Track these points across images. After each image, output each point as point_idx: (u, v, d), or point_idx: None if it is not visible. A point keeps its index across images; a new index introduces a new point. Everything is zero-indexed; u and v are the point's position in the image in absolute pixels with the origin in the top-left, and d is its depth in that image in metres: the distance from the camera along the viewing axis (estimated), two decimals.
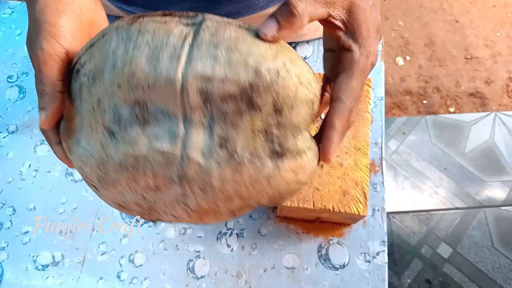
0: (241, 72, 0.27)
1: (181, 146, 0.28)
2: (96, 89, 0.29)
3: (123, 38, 0.29)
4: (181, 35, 0.28)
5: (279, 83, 0.27)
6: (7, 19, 0.74)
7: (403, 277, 1.28)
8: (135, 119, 0.29)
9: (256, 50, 0.27)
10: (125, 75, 0.28)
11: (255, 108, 0.28)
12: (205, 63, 0.27)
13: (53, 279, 0.56)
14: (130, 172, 0.30)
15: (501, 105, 1.57)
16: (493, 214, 1.36)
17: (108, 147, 0.29)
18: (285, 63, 0.28)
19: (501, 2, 1.77)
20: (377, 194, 0.59)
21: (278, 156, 0.29)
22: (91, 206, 0.60)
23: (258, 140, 0.28)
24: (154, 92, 0.28)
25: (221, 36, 0.28)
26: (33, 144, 0.64)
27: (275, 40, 0.29)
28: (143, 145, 0.29)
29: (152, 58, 0.27)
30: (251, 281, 0.55)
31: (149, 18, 0.29)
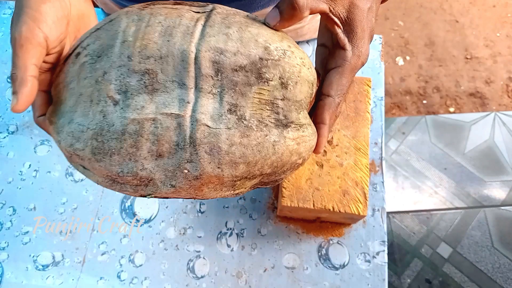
0: (252, 47, 0.29)
1: (191, 110, 0.29)
2: (102, 63, 0.30)
3: (134, 20, 0.30)
4: (193, 19, 0.30)
5: (285, 60, 0.30)
6: (7, 19, 0.73)
7: (403, 277, 1.28)
8: (143, 88, 0.29)
9: (264, 32, 0.30)
10: (136, 47, 0.29)
11: (263, 80, 0.30)
12: (218, 38, 0.29)
13: (53, 279, 0.56)
14: (133, 138, 0.29)
15: (501, 105, 1.57)
16: (493, 214, 1.36)
17: (111, 115, 0.29)
18: (290, 46, 0.31)
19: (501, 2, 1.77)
20: (377, 194, 0.60)
21: (283, 126, 0.30)
22: (91, 206, 0.60)
23: (265, 110, 0.30)
24: (166, 62, 0.29)
25: (231, 19, 0.30)
26: (33, 144, 0.64)
27: (277, 29, 0.31)
28: (150, 110, 0.29)
29: (165, 33, 0.29)
30: (251, 281, 0.55)
31: (160, 5, 0.31)
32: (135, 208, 0.60)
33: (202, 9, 0.31)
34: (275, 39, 0.30)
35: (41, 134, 0.64)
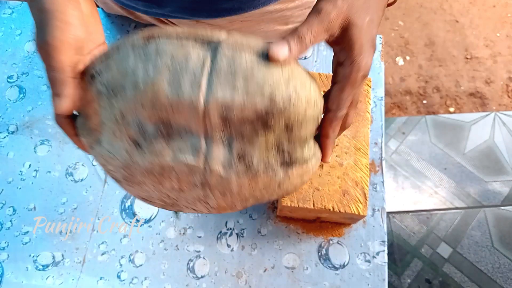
0: (258, 100, 0.30)
1: (204, 159, 0.32)
2: (118, 103, 0.32)
3: (141, 57, 0.31)
4: (199, 60, 0.30)
5: (290, 108, 0.31)
6: (7, 19, 0.74)
7: (403, 277, 1.28)
8: (159, 134, 0.32)
9: (270, 78, 0.30)
10: (148, 97, 0.31)
11: (269, 128, 0.31)
12: (225, 91, 0.30)
13: (53, 279, 0.56)
14: (156, 177, 0.34)
15: (501, 105, 1.57)
16: (493, 214, 1.36)
17: (134, 155, 0.33)
18: (296, 89, 0.31)
19: (501, 2, 1.77)
20: (377, 194, 0.60)
21: (288, 166, 0.33)
22: (91, 206, 0.60)
23: (271, 153, 0.33)
24: (177, 114, 0.31)
25: (237, 64, 0.30)
26: (33, 144, 0.64)
27: (284, 61, 0.31)
28: (168, 156, 0.32)
29: (174, 83, 0.30)
30: (251, 281, 0.55)
31: (165, 39, 0.31)
32: (135, 208, 0.60)
33: (208, 43, 0.31)
34: (281, 84, 0.31)
35: (41, 134, 0.64)
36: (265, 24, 0.61)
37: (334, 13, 0.32)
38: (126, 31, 0.72)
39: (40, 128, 0.65)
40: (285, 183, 0.34)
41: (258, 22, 0.61)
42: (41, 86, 0.68)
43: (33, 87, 0.68)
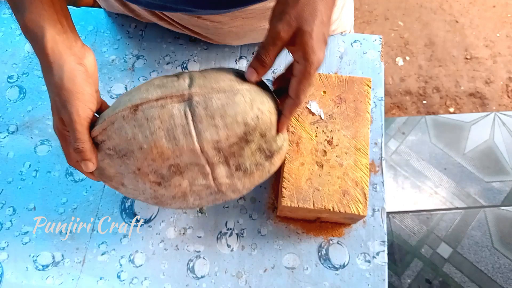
0: (236, 128, 0.41)
1: (212, 178, 0.44)
2: (130, 161, 0.42)
3: (136, 126, 0.40)
4: (181, 114, 0.40)
5: (260, 123, 0.42)
6: (7, 19, 0.74)
7: (403, 277, 1.28)
8: (173, 173, 0.42)
9: (238, 109, 0.40)
10: (154, 153, 0.40)
11: (250, 141, 0.42)
12: (210, 131, 0.40)
13: (53, 279, 0.56)
14: (181, 199, 0.46)
15: (501, 105, 1.57)
16: (493, 214, 1.36)
17: (159, 191, 0.44)
18: (259, 108, 0.42)
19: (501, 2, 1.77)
20: (377, 194, 0.60)
21: (270, 157, 0.45)
22: (91, 206, 0.60)
23: (256, 156, 0.44)
24: (182, 157, 0.41)
25: (211, 108, 0.40)
26: (33, 144, 0.64)
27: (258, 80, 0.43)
28: (185, 184, 0.44)
29: (170, 138, 0.40)
30: (251, 281, 0.55)
31: (147, 105, 0.40)
32: (135, 208, 0.60)
33: (181, 97, 0.40)
34: (247, 110, 0.41)
35: (41, 134, 0.64)
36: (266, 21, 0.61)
37: (284, 31, 0.40)
38: (126, 31, 0.72)
39: (40, 128, 0.65)
40: (272, 168, 0.46)
41: (259, 19, 0.61)
42: (41, 86, 0.68)
43: (33, 87, 0.68)
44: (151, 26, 0.72)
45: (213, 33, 0.65)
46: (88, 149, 0.41)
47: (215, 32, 0.64)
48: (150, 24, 0.72)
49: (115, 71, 0.69)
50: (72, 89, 0.41)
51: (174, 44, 0.71)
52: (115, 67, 0.69)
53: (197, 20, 0.61)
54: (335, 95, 0.56)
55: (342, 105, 0.56)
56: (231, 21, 0.60)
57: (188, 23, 0.63)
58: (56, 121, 0.43)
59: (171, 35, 0.71)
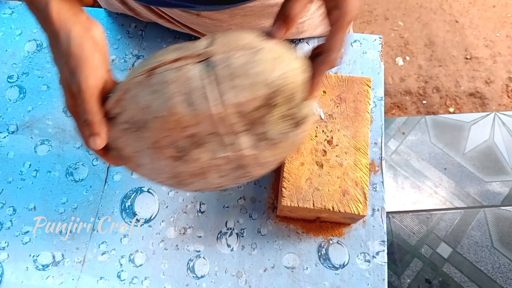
0: (260, 89, 0.36)
1: (235, 150, 0.38)
2: (146, 133, 0.37)
3: (151, 92, 0.36)
4: (199, 76, 0.35)
5: (286, 84, 0.36)
6: (7, 19, 0.74)
7: (403, 277, 1.28)
8: (192, 145, 0.38)
9: (262, 68, 0.35)
10: (171, 122, 0.36)
11: (276, 105, 0.37)
12: (231, 93, 0.35)
13: (53, 279, 0.56)
14: (202, 175, 0.40)
15: (501, 105, 1.57)
16: (493, 214, 1.36)
17: (178, 167, 0.39)
18: (285, 66, 0.36)
19: (501, 2, 1.77)
20: (376, 194, 0.60)
21: (297, 126, 0.39)
22: (91, 206, 0.60)
23: (283, 123, 0.38)
24: (201, 125, 0.36)
25: (232, 67, 0.35)
26: (33, 144, 0.64)
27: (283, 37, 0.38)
28: (206, 158, 0.38)
29: (188, 103, 0.35)
30: (251, 280, 0.56)
31: (163, 68, 0.36)
32: (135, 208, 0.60)
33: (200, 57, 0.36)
34: (270, 70, 0.36)
35: (41, 134, 0.64)
36: (265, 19, 0.61)
37: None
38: (126, 31, 0.72)
39: (40, 128, 0.65)
40: (297, 140, 0.41)
41: (259, 17, 0.61)
42: (41, 86, 0.68)
43: (33, 87, 0.68)
44: (151, 26, 0.72)
45: (212, 31, 0.65)
46: (97, 121, 0.37)
47: (215, 30, 0.64)
48: (150, 24, 0.72)
49: (115, 71, 0.69)
50: (81, 55, 0.37)
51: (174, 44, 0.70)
52: (115, 67, 0.69)
53: (196, 17, 0.61)
54: (335, 95, 0.56)
55: (342, 105, 0.56)
56: (230, 18, 0.60)
57: (188, 21, 0.64)
58: (67, 98, 0.39)
59: (171, 35, 0.71)
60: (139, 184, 0.61)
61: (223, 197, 0.60)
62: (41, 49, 0.71)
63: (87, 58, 0.37)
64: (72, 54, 0.37)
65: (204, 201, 0.60)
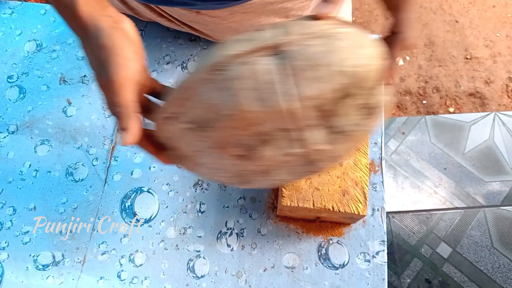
0: (338, 79, 0.32)
1: (308, 146, 0.35)
2: (211, 133, 0.35)
3: (217, 89, 0.33)
4: (270, 69, 0.32)
5: (362, 71, 0.33)
6: (7, 19, 0.74)
7: (402, 277, 1.28)
8: (260, 142, 0.35)
9: (340, 56, 0.32)
10: (239, 119, 0.33)
11: (351, 95, 0.34)
12: (308, 87, 0.32)
13: (53, 278, 0.56)
14: (268, 172, 0.38)
15: (501, 105, 1.57)
16: (493, 214, 1.36)
17: (243, 166, 0.37)
18: (363, 53, 0.34)
19: (501, 2, 1.77)
20: (376, 194, 0.60)
21: (370, 115, 0.37)
22: (91, 206, 0.60)
23: (356, 113, 0.36)
24: (271, 121, 0.33)
25: (308, 57, 0.32)
26: (33, 144, 0.64)
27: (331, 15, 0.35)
28: (273, 156, 0.36)
29: (258, 99, 0.32)
30: (251, 280, 0.56)
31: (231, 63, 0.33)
32: (135, 208, 0.60)
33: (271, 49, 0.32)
34: (348, 57, 0.33)
35: (41, 134, 0.64)
36: (265, 16, 0.61)
37: None
38: None
39: (40, 128, 0.65)
40: (369, 128, 0.38)
41: (259, 14, 0.61)
42: (41, 86, 0.68)
43: (33, 87, 0.68)
44: (151, 25, 0.72)
45: (212, 29, 0.65)
46: (126, 115, 0.34)
47: (214, 28, 0.64)
48: (150, 23, 0.72)
49: None
50: (110, 45, 0.35)
51: (174, 44, 0.71)
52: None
53: (196, 15, 0.61)
54: None
55: None
56: (230, 16, 0.60)
57: (187, 19, 0.63)
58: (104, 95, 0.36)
59: (171, 35, 0.71)
60: (139, 184, 0.61)
61: (223, 197, 0.60)
62: (41, 49, 0.71)
63: (117, 48, 0.35)
64: (101, 46, 0.35)
65: (204, 201, 0.60)
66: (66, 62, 0.70)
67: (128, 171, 0.62)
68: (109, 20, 0.36)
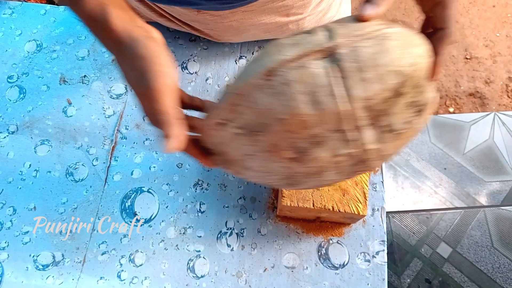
0: (390, 80, 0.33)
1: (359, 146, 0.36)
2: (264, 137, 0.35)
3: (272, 94, 0.34)
4: (323, 72, 0.33)
5: (416, 70, 0.34)
6: (7, 19, 0.74)
7: (402, 277, 1.28)
8: (312, 145, 0.35)
9: (391, 56, 0.33)
10: (295, 124, 0.34)
11: (402, 94, 0.34)
12: (361, 88, 0.33)
13: (53, 279, 0.56)
14: (318, 173, 0.38)
15: (501, 105, 1.57)
16: (493, 214, 1.36)
17: (294, 168, 0.37)
18: (413, 52, 0.34)
19: (501, 2, 1.77)
20: (376, 194, 0.60)
21: (420, 112, 0.37)
22: (91, 206, 0.60)
23: (407, 111, 0.36)
24: (325, 124, 0.34)
25: (359, 59, 0.33)
26: (33, 144, 0.64)
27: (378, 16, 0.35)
28: (326, 157, 0.36)
29: (313, 102, 0.33)
30: (251, 280, 0.56)
31: (284, 68, 0.34)
32: (135, 208, 0.60)
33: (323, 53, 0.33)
34: (400, 57, 0.33)
35: (41, 134, 0.64)
36: (266, 15, 0.61)
37: None
38: None
39: (40, 128, 0.65)
40: (420, 126, 0.39)
41: (260, 13, 0.61)
42: (41, 86, 0.68)
43: (33, 87, 0.68)
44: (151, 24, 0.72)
45: (213, 28, 0.65)
46: (169, 121, 0.35)
47: (215, 27, 0.64)
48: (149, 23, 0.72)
49: (115, 71, 0.69)
50: (147, 55, 0.35)
51: (174, 44, 0.71)
52: (115, 67, 0.69)
53: (197, 14, 0.61)
54: None
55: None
56: (231, 14, 0.60)
57: (188, 18, 0.63)
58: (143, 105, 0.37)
59: (171, 35, 0.71)
60: (139, 184, 0.61)
61: (223, 197, 0.60)
62: (41, 49, 0.71)
63: (154, 57, 0.36)
64: (138, 56, 0.36)
65: (204, 201, 0.60)
66: (66, 62, 0.70)
67: (128, 171, 0.62)
68: (141, 30, 0.37)
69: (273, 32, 0.66)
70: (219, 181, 0.61)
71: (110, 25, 0.37)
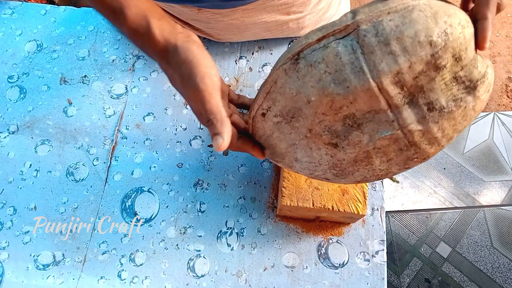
0: (419, 51, 0.31)
1: (399, 127, 0.34)
2: (300, 122, 0.36)
3: (299, 77, 0.34)
4: (347, 49, 0.32)
5: (451, 40, 0.32)
6: (8, 19, 0.74)
7: (402, 276, 1.28)
8: (350, 127, 0.35)
9: (419, 26, 0.31)
10: (324, 105, 0.34)
11: (441, 68, 0.32)
12: (387, 62, 0.31)
13: (53, 278, 0.56)
14: (364, 161, 0.37)
15: (501, 105, 1.57)
16: (492, 214, 1.36)
17: (337, 155, 0.37)
18: (446, 21, 0.32)
19: None
20: (376, 194, 0.60)
21: (472, 89, 0.35)
22: (92, 206, 0.60)
23: (453, 88, 0.34)
24: (356, 104, 0.33)
25: (383, 32, 0.31)
26: (33, 144, 0.64)
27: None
28: (366, 140, 0.35)
29: (340, 81, 0.32)
30: (251, 280, 0.56)
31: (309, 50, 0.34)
32: (135, 207, 0.60)
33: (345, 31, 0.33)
34: (431, 26, 0.31)
35: (41, 134, 0.65)
36: (266, 13, 0.62)
37: None
38: None
39: (40, 128, 0.65)
40: (477, 104, 0.36)
41: (260, 11, 0.61)
42: (41, 86, 0.68)
43: (33, 87, 0.68)
44: None
45: (213, 27, 0.65)
46: (219, 120, 0.36)
47: (216, 25, 0.64)
48: None
49: (116, 71, 0.69)
50: (191, 59, 0.37)
51: None
52: (115, 67, 0.69)
53: (197, 13, 0.61)
54: None
55: None
56: (232, 13, 0.60)
57: (188, 17, 0.63)
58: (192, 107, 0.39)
59: None
60: (139, 184, 0.61)
61: (223, 196, 0.60)
62: (42, 49, 0.71)
63: (198, 59, 0.37)
64: (183, 61, 0.38)
65: (204, 200, 0.60)
66: (67, 62, 0.70)
67: (129, 171, 0.62)
68: (183, 36, 0.39)
69: (273, 31, 0.66)
70: (219, 181, 0.61)
71: (154, 37, 0.39)
